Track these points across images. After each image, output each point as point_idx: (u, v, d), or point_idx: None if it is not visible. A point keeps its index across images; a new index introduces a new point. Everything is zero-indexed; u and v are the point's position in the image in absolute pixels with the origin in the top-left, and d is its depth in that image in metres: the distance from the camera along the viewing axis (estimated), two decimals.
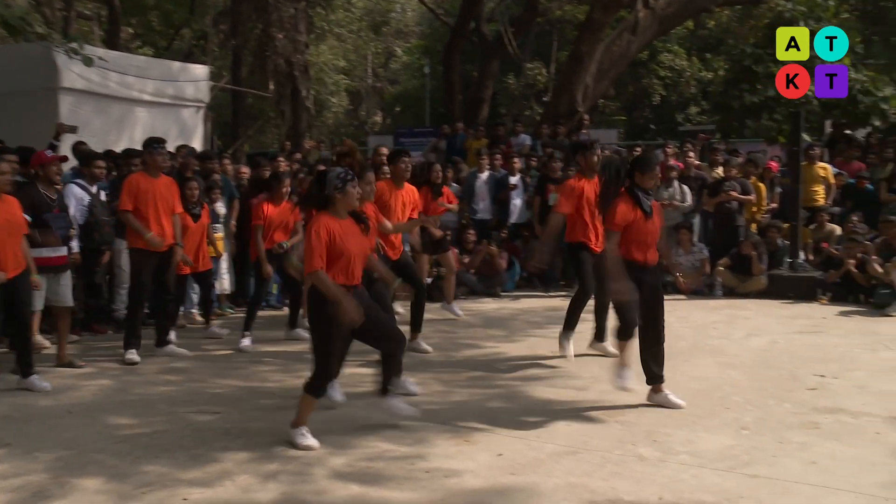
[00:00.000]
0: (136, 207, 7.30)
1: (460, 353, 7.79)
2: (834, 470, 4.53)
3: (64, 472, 4.55)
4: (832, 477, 4.42)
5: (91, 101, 11.88)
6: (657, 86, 30.00)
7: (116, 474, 4.52)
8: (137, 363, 7.32)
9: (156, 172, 7.52)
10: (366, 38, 36.23)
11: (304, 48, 18.81)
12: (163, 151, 7.64)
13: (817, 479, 4.40)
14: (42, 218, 6.90)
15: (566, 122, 16.12)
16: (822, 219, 11.91)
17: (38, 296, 6.88)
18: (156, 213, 7.38)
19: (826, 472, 4.51)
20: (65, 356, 7.14)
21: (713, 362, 7.23)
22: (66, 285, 7.20)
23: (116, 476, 4.49)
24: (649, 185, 5.87)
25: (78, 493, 4.27)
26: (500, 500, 4.16)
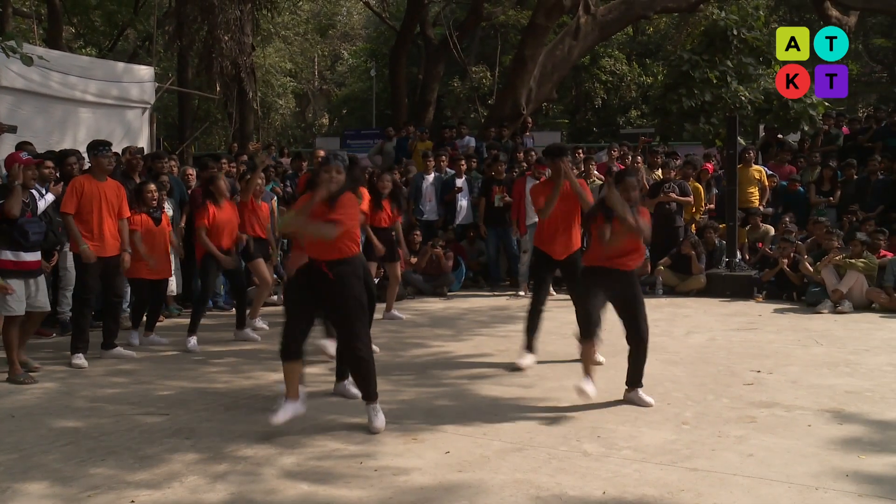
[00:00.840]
0: (78, 211, 7.20)
1: (408, 353, 7.83)
2: (769, 461, 4.64)
3: (6, 477, 4.47)
4: (768, 468, 4.53)
5: (31, 100, 11.67)
6: (599, 89, 30.41)
7: (62, 478, 4.45)
8: (85, 367, 7.22)
9: (101, 175, 7.43)
10: (312, 41, 36.15)
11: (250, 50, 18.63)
12: (108, 154, 7.53)
13: (754, 470, 4.51)
14: (17, 222, 6.72)
15: (511, 125, 16.28)
16: (756, 220, 12.25)
17: (18, 301, 6.75)
18: (100, 216, 7.27)
19: (762, 463, 4.62)
20: (22, 357, 6.99)
21: (655, 359, 7.26)
22: (43, 290, 7.05)
23: (62, 479, 4.42)
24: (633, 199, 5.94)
25: (22, 497, 4.20)
26: (448, 496, 4.19)
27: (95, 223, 7.26)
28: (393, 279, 9.48)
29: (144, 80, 13.87)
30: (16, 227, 6.73)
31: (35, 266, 6.96)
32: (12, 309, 6.77)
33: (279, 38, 32.35)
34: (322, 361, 7.15)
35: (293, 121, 39.28)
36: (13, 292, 6.61)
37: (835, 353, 7.60)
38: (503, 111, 17.24)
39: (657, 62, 29.68)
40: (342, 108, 38.83)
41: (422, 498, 4.18)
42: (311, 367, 7.06)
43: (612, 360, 7.28)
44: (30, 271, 6.89)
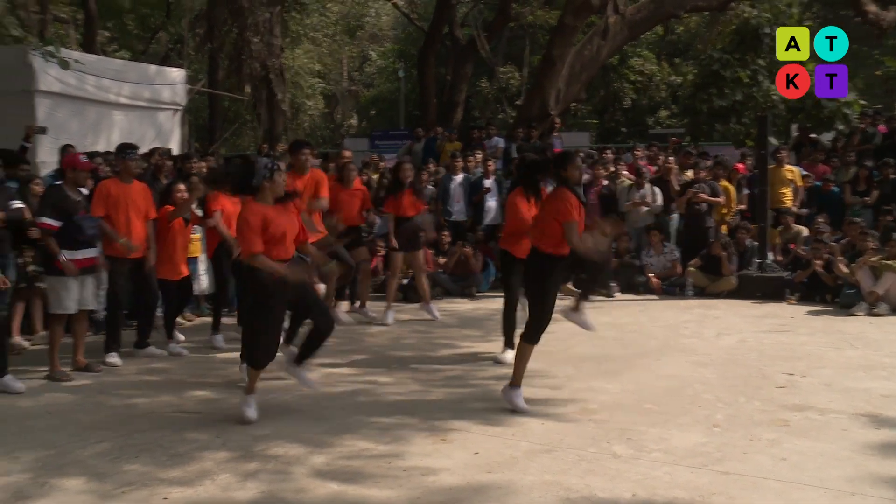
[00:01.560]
0: (107, 214, 7.31)
1: (437, 353, 7.85)
2: (803, 465, 4.60)
3: (44, 473, 4.55)
4: (801, 472, 4.49)
5: (68, 103, 11.89)
6: (628, 90, 30.23)
7: (97, 474, 4.53)
8: (118, 366, 7.33)
9: (128, 178, 7.54)
10: (341, 42, 36.39)
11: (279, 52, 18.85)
12: (135, 157, 7.66)
13: (787, 474, 4.46)
14: (72, 219, 6.87)
15: (539, 125, 16.25)
16: (788, 221, 12.12)
17: (73, 299, 6.88)
18: (127, 218, 7.38)
19: (795, 467, 4.57)
20: (81, 360, 7.14)
21: (685, 361, 7.33)
22: (91, 289, 7.17)
23: (97, 476, 4.50)
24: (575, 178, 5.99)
25: (59, 493, 4.27)
26: (477, 497, 4.20)
27: (123, 225, 7.37)
28: (417, 269, 9.54)
29: (176, 83, 14.06)
30: (72, 226, 6.86)
31: (92, 262, 7.09)
32: (67, 307, 6.90)
33: (308, 39, 32.61)
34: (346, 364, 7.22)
35: (322, 121, 39.50)
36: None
37: (870, 355, 7.49)
38: (531, 112, 17.22)
39: (687, 62, 29.46)
40: (370, 108, 39.03)
41: (451, 498, 4.19)
42: (336, 367, 7.19)
43: (642, 362, 7.27)
44: (84, 268, 6.99)
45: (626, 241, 11.88)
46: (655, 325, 9.19)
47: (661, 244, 11.65)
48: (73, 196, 6.98)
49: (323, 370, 7.05)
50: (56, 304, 6.95)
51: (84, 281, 7.05)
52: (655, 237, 11.65)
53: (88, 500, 4.17)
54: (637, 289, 11.57)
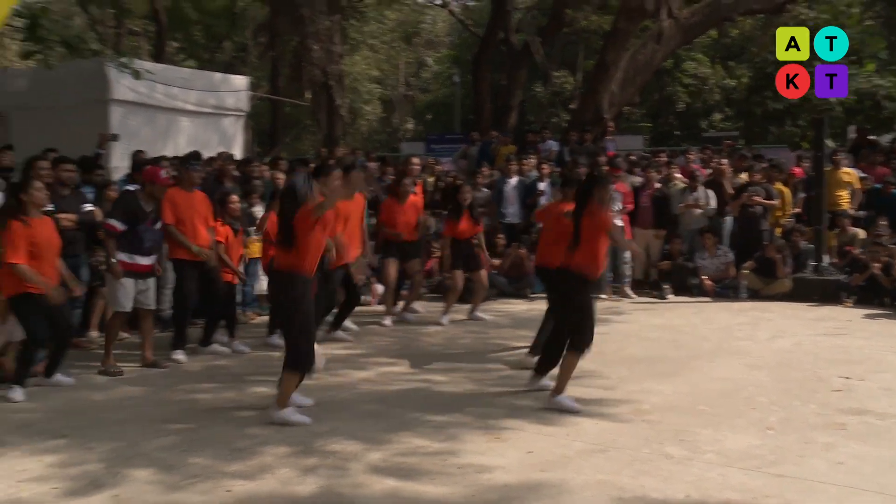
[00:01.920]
0: (177, 220, 7.58)
1: (491, 353, 7.93)
2: (860, 470, 4.55)
3: (116, 463, 4.73)
4: (859, 477, 4.44)
5: (139, 111, 12.43)
6: (681, 93, 29.99)
7: (164, 466, 4.68)
8: (183, 363, 7.58)
9: (190, 187, 7.81)
10: (398, 49, 36.85)
11: (338, 59, 19.19)
12: (198, 168, 8.00)
13: (844, 479, 4.41)
14: (136, 228, 7.14)
15: (592, 129, 16.25)
16: (845, 223, 11.94)
17: (127, 297, 7.15)
18: (193, 225, 7.65)
19: (853, 472, 4.52)
20: (150, 357, 7.39)
21: (738, 363, 7.29)
22: (152, 289, 7.44)
23: (164, 468, 4.65)
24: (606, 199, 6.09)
25: (130, 482, 4.43)
26: (531, 495, 4.23)
27: (189, 232, 7.64)
28: (479, 286, 9.68)
29: (239, 90, 14.45)
30: (134, 234, 7.12)
31: (147, 269, 7.34)
32: (122, 305, 7.18)
33: (366, 46, 33.10)
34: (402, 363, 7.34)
35: (379, 126, 39.91)
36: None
37: None
38: (585, 115, 17.22)
39: (741, 64, 29.09)
40: (426, 113, 39.35)
41: (505, 496, 4.24)
42: (392, 366, 7.31)
43: (695, 364, 7.27)
44: (143, 272, 7.28)
45: (679, 244, 11.84)
46: (709, 327, 9.15)
47: (714, 247, 11.60)
48: (145, 206, 7.23)
49: (380, 369, 7.19)
50: (112, 302, 7.27)
51: (143, 281, 7.30)
52: (709, 240, 11.60)
53: (157, 491, 4.32)
54: (690, 291, 11.52)
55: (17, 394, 6.25)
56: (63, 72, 12.46)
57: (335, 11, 18.83)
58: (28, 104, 12.78)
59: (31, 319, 6.32)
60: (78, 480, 4.48)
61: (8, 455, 4.91)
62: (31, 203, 6.36)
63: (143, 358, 7.37)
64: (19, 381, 6.33)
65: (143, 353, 7.39)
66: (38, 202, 6.42)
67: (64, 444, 5.12)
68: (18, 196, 6.36)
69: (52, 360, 6.63)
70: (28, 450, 5.00)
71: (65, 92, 12.20)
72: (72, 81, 12.25)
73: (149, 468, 4.65)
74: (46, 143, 9.72)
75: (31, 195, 6.35)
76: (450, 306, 9.68)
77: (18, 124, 12.64)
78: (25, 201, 6.33)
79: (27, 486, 4.39)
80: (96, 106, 11.95)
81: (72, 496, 4.26)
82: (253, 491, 4.32)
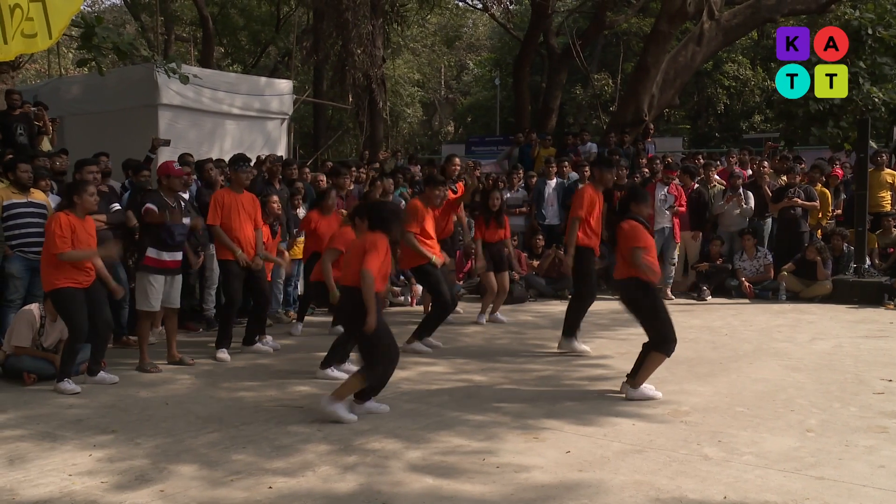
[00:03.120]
0: (222, 222, 7.72)
1: (530, 353, 7.98)
2: None
3: (162, 459, 4.85)
4: None
5: (186, 115, 12.70)
6: (721, 95, 29.76)
7: (208, 462, 4.79)
8: (227, 361, 7.73)
9: (239, 188, 7.95)
10: (439, 52, 37.15)
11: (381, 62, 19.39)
12: (247, 169, 8.08)
13: (886, 482, 4.38)
14: (165, 223, 7.29)
15: (632, 131, 16.21)
16: (889, 224, 11.80)
17: (156, 297, 7.32)
18: (240, 225, 7.78)
19: (894, 475, 4.48)
20: (175, 354, 7.55)
21: (777, 365, 7.26)
22: (177, 288, 7.59)
23: (208, 463, 4.76)
24: (644, 213, 6.43)
25: (175, 478, 4.55)
26: (569, 495, 4.26)
27: (237, 232, 7.78)
28: (500, 289, 9.72)
29: (283, 93, 14.66)
30: (163, 228, 7.27)
31: (175, 266, 7.49)
32: (152, 305, 7.34)
33: (408, 49, 33.43)
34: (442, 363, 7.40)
35: (420, 129, 40.16)
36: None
37: None
38: (625, 117, 17.19)
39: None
40: (467, 115, 39.56)
41: (543, 495, 4.27)
42: (432, 366, 7.38)
43: (734, 366, 7.24)
44: (170, 269, 7.42)
45: (719, 246, 11.79)
46: (748, 328, 9.10)
47: (754, 248, 11.53)
48: (169, 201, 7.38)
49: (420, 369, 7.27)
50: (142, 302, 7.38)
51: (171, 280, 7.44)
52: (749, 241, 11.53)
53: (201, 486, 4.42)
54: (729, 292, 11.46)
55: (68, 385, 6.45)
56: (114, 78, 12.81)
57: (378, 16, 19.04)
58: (81, 109, 13.18)
59: (71, 313, 6.51)
60: (125, 475, 4.60)
61: (60, 449, 5.07)
62: (82, 206, 6.58)
63: (169, 356, 7.52)
64: (66, 373, 6.52)
65: (169, 351, 7.54)
66: (89, 207, 6.64)
67: (113, 439, 5.26)
68: (72, 197, 6.58)
69: (93, 357, 6.82)
70: (79, 444, 5.15)
71: (116, 97, 12.54)
72: (122, 87, 12.60)
73: (193, 464, 4.76)
74: (98, 147, 10.03)
75: (83, 199, 6.56)
76: (486, 306, 9.74)
77: (72, 129, 13.05)
78: (77, 203, 6.55)
79: (79, 480, 4.52)
80: (145, 110, 12.25)
81: (120, 490, 4.38)
82: (294, 488, 4.39)
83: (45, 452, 4.99)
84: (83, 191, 6.59)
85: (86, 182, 6.88)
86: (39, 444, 5.15)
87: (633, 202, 6.40)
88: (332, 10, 18.50)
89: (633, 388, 6.17)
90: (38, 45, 7.15)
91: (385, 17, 19.87)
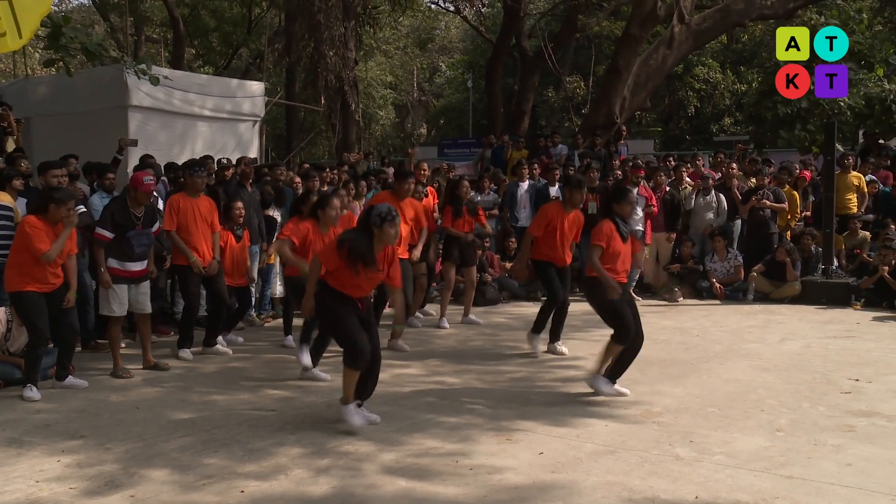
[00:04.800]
0: (178, 227, 7.68)
1: (502, 355, 7.99)
2: (870, 472, 4.56)
3: (132, 464, 4.80)
4: (868, 479, 4.46)
5: (157, 117, 12.61)
6: (692, 98, 30.06)
7: (180, 466, 4.75)
8: (189, 360, 7.72)
9: (195, 193, 7.90)
10: (412, 55, 37.15)
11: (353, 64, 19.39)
12: (202, 174, 8.05)
13: (853, 480, 4.44)
14: (126, 235, 7.22)
15: (604, 133, 16.31)
16: (855, 226, 11.96)
17: (119, 303, 7.25)
18: (196, 230, 7.74)
19: (862, 474, 4.54)
20: (150, 359, 7.47)
21: (748, 365, 7.32)
22: (146, 294, 7.52)
23: (180, 468, 4.72)
24: (626, 213, 6.56)
25: (146, 483, 4.50)
26: (542, 496, 4.27)
27: (192, 237, 7.75)
28: (468, 284, 9.70)
29: (255, 95, 14.63)
30: (124, 240, 7.22)
31: (139, 274, 7.43)
32: (113, 311, 7.29)
33: (380, 52, 33.43)
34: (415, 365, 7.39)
35: (393, 131, 40.17)
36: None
37: None
38: (597, 120, 17.29)
39: (752, 69, 29.12)
40: (440, 118, 39.66)
41: (516, 497, 4.28)
42: (405, 368, 7.38)
43: (706, 366, 7.30)
44: (133, 278, 7.36)
45: (690, 247, 11.88)
46: (719, 329, 9.18)
47: (724, 250, 11.63)
48: (134, 212, 7.30)
49: (393, 371, 7.23)
50: (104, 307, 7.35)
51: (136, 287, 7.38)
52: (719, 243, 11.63)
53: (173, 491, 4.38)
54: (701, 294, 11.55)
55: (32, 392, 6.37)
56: (83, 79, 12.69)
57: (350, 18, 19.03)
58: (49, 111, 13.00)
59: (32, 317, 6.43)
60: (95, 480, 4.55)
61: (28, 455, 5.00)
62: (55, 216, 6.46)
63: (144, 360, 7.46)
64: (31, 379, 6.44)
65: (144, 356, 7.48)
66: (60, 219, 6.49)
67: (82, 444, 5.20)
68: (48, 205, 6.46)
69: (59, 362, 6.74)
70: (47, 450, 5.08)
71: (85, 98, 12.41)
72: (92, 88, 12.47)
73: (164, 468, 4.72)
74: (66, 149, 9.88)
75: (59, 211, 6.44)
76: (445, 302, 9.70)
77: (40, 130, 12.85)
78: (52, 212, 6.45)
79: (46, 486, 4.46)
80: (115, 112, 12.14)
81: (89, 496, 4.33)
82: (267, 491, 4.37)
83: (12, 459, 4.93)
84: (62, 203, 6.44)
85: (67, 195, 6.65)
86: (5, 451, 5.08)
87: (614, 202, 6.53)
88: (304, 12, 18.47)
89: (598, 376, 6.34)
90: (7, 44, 7.04)
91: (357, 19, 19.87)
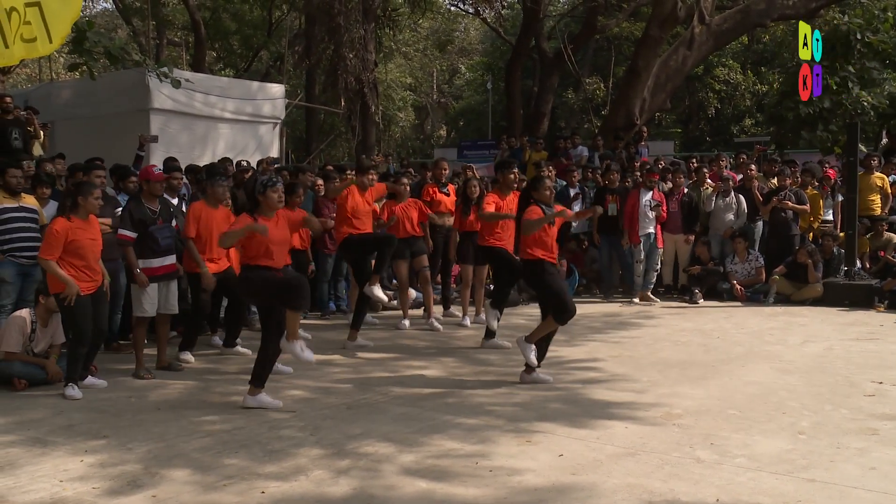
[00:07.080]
0: (198, 235, 7.70)
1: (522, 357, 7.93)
2: (893, 476, 4.51)
3: (154, 464, 4.83)
4: (892, 483, 4.41)
5: (178, 119, 12.75)
6: (712, 99, 29.93)
7: (201, 467, 4.77)
8: (192, 363, 7.74)
9: (215, 203, 7.91)
10: (431, 57, 37.29)
11: (373, 67, 19.50)
12: (223, 183, 8.05)
13: (876, 484, 4.39)
14: (148, 230, 7.28)
15: (624, 135, 16.27)
16: (881, 228, 11.85)
17: (151, 303, 7.31)
18: (211, 241, 7.72)
19: (886, 478, 4.49)
20: (164, 360, 7.53)
21: (769, 367, 7.28)
22: (174, 293, 7.58)
23: (201, 468, 4.74)
24: (544, 198, 6.96)
25: (167, 483, 4.53)
26: (561, 498, 4.26)
27: (207, 248, 7.74)
28: (477, 282, 9.72)
29: (276, 97, 14.72)
30: (148, 236, 7.27)
31: (168, 270, 7.48)
32: (145, 311, 7.33)
33: (400, 54, 33.53)
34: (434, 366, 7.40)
35: (412, 133, 40.32)
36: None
37: None
38: (616, 122, 17.26)
39: (773, 70, 28.95)
40: (459, 119, 39.75)
41: (535, 499, 4.27)
42: (424, 370, 7.39)
43: (727, 368, 7.26)
44: (162, 276, 7.41)
45: (706, 249, 11.83)
46: (740, 331, 9.13)
47: (745, 251, 11.57)
48: (151, 207, 7.38)
49: (412, 372, 7.26)
50: (137, 308, 7.39)
51: (166, 286, 7.44)
52: (740, 244, 11.57)
53: (194, 491, 4.40)
54: (721, 295, 11.49)
55: (73, 391, 6.44)
56: (106, 82, 12.78)
57: (369, 20, 19.12)
58: (73, 114, 13.17)
59: (77, 318, 6.48)
60: (117, 480, 4.58)
61: (52, 455, 5.04)
62: (86, 208, 6.53)
63: (158, 361, 7.50)
64: (73, 378, 6.51)
65: (159, 357, 7.52)
66: (93, 209, 6.60)
67: (104, 444, 5.24)
68: (77, 198, 6.52)
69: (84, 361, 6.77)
70: (70, 450, 5.13)
71: (107, 102, 12.56)
72: (114, 92, 12.60)
73: (185, 469, 4.75)
74: (90, 152, 10.00)
75: (88, 201, 6.52)
76: (465, 301, 9.75)
77: (64, 134, 12.99)
78: (81, 205, 6.51)
79: (70, 486, 4.50)
80: (137, 115, 12.27)
81: (112, 495, 4.36)
82: (287, 492, 4.38)
83: (36, 458, 4.97)
84: (88, 193, 6.54)
85: (91, 185, 6.81)
86: (30, 450, 5.13)
87: (532, 190, 7.01)
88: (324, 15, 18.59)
89: (528, 342, 6.80)
90: (38, 49, 7.09)
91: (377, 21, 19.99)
